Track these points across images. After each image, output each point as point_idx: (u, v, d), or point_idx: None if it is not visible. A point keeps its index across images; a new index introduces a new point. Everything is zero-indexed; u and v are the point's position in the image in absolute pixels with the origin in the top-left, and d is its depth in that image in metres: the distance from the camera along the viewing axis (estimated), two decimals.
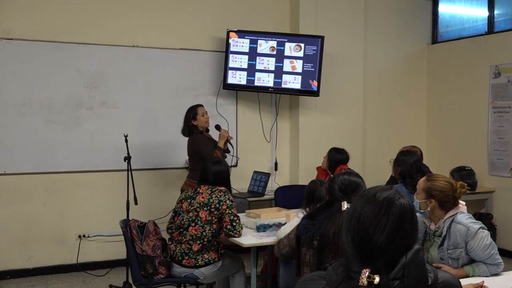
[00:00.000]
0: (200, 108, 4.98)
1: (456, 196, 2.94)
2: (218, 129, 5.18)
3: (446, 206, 2.94)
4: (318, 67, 5.86)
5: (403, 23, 6.87)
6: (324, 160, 5.21)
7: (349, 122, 6.44)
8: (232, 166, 5.88)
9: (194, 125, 4.91)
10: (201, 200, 3.80)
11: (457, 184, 2.95)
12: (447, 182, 2.95)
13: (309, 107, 6.26)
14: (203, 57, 5.96)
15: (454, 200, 2.95)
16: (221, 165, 3.97)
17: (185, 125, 4.96)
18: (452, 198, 2.93)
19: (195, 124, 4.91)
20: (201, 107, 5.00)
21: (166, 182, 5.84)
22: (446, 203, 2.93)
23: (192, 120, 4.91)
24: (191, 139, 4.93)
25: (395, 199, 1.49)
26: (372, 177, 6.10)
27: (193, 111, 4.94)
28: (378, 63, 6.75)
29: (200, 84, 5.95)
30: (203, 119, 4.95)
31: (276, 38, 5.84)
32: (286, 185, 6.00)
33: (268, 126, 6.30)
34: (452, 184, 2.95)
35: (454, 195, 2.93)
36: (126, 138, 4.85)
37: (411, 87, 6.96)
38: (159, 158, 5.79)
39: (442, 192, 2.93)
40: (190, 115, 4.92)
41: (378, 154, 6.65)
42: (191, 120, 4.91)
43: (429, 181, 2.99)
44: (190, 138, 4.95)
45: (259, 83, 5.86)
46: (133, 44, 5.66)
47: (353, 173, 2.84)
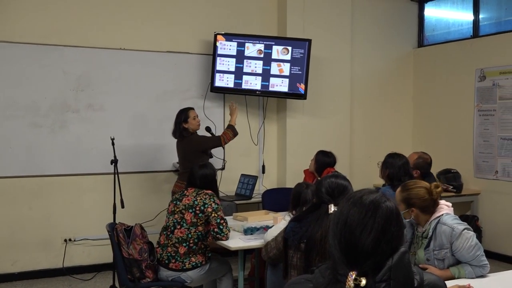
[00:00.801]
0: (191, 111, 4.98)
1: (434, 198, 2.96)
2: (210, 131, 5.19)
3: (428, 210, 2.98)
4: (306, 70, 5.88)
5: (390, 27, 6.92)
6: (311, 163, 5.22)
7: (336, 125, 6.47)
8: (220, 169, 5.88)
9: (185, 128, 4.91)
10: (186, 202, 3.81)
11: (432, 186, 2.97)
12: (421, 188, 2.98)
13: (296, 110, 6.27)
14: (191, 60, 5.95)
15: (434, 202, 2.98)
16: (208, 168, 3.98)
17: (176, 127, 4.96)
18: (431, 201, 2.96)
19: (186, 127, 4.91)
20: (193, 110, 5.02)
21: (153, 185, 5.81)
22: (426, 207, 2.97)
23: (183, 123, 4.91)
24: (187, 142, 4.92)
25: (381, 201, 1.50)
26: (359, 180, 6.13)
27: (185, 113, 4.94)
28: (365, 66, 6.78)
29: (188, 87, 5.94)
30: (195, 122, 4.97)
31: (263, 41, 5.84)
32: (273, 188, 6.00)
33: (256, 129, 6.31)
34: (426, 187, 2.98)
35: (431, 197, 2.96)
36: (113, 141, 4.82)
37: (397, 90, 7.01)
38: (146, 161, 5.77)
39: (420, 198, 2.95)
40: (182, 118, 4.92)
41: (365, 156, 6.68)
42: (182, 123, 4.91)
43: (404, 191, 3.01)
44: (184, 141, 4.94)
45: (247, 86, 5.86)
46: (120, 47, 5.64)
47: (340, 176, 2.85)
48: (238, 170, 6.04)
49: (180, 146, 4.99)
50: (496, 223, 6.05)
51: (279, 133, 6.41)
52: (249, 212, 4.82)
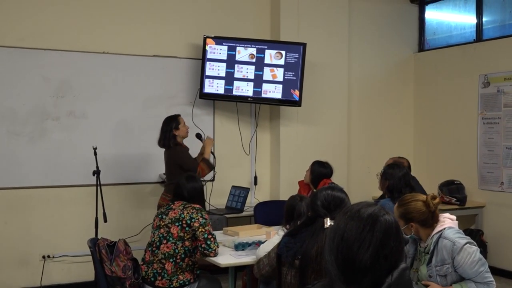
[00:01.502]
0: (180, 117, 5.03)
1: (431, 209, 2.99)
2: (200, 138, 5.19)
3: (427, 223, 3.00)
4: (300, 75, 5.90)
5: (389, 30, 6.97)
6: (306, 174, 5.23)
7: (333, 134, 6.49)
8: (209, 180, 5.87)
9: (175, 136, 4.91)
10: (173, 215, 3.81)
11: (428, 198, 3.00)
12: (418, 201, 3.02)
13: (290, 117, 6.28)
14: (178, 65, 5.96)
15: (432, 214, 3.00)
16: (196, 181, 4.00)
17: (165, 136, 4.95)
18: (429, 213, 2.99)
19: (176, 134, 4.92)
20: (181, 116, 5.05)
21: (138, 198, 5.80)
22: (426, 220, 2.99)
23: (174, 130, 4.92)
24: (172, 151, 4.94)
25: (380, 215, 1.51)
26: (357, 192, 6.14)
27: (175, 120, 4.97)
28: (363, 71, 6.82)
29: (175, 93, 5.94)
30: (185, 129, 5.01)
31: (255, 45, 5.87)
32: (266, 201, 6.00)
33: (247, 138, 6.31)
34: (423, 200, 3.02)
35: (429, 210, 2.99)
36: (95, 151, 4.81)
37: (397, 96, 7.04)
38: (131, 172, 5.75)
39: (418, 212, 2.99)
40: (172, 125, 4.94)
41: (364, 167, 6.69)
42: (173, 130, 4.92)
43: (401, 206, 3.05)
44: (170, 150, 4.95)
45: (238, 92, 5.87)
46: (103, 51, 5.64)
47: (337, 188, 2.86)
48: (228, 181, 6.03)
49: (166, 155, 5.00)
50: (502, 237, 6.07)
51: (272, 142, 6.42)
52: (240, 227, 4.82)
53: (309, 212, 2.90)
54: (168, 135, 4.93)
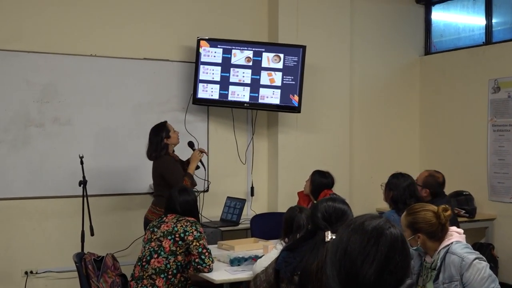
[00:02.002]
0: (169, 124, 5.00)
1: (442, 222, 2.99)
2: (192, 147, 5.18)
3: (436, 236, 3.00)
4: (300, 80, 5.92)
5: (393, 32, 6.99)
6: (306, 184, 5.23)
7: (334, 142, 6.49)
8: (203, 191, 5.87)
9: (166, 145, 4.89)
10: (165, 229, 3.82)
11: (439, 209, 3.00)
12: (428, 211, 3.02)
13: (289, 124, 6.29)
14: (170, 68, 5.96)
15: (442, 227, 3.00)
16: (189, 194, 4.01)
17: (156, 147, 4.88)
18: (439, 226, 2.99)
19: (168, 143, 4.90)
20: (168, 123, 5.02)
21: (128, 209, 5.78)
22: (434, 233, 2.99)
23: (165, 139, 4.89)
24: (159, 161, 4.91)
25: (385, 228, 1.51)
26: (360, 203, 6.15)
27: (165, 128, 4.92)
28: (366, 76, 6.83)
29: (167, 99, 5.95)
30: (176, 136, 4.99)
31: (252, 48, 5.88)
32: (263, 213, 6.00)
33: (244, 146, 6.31)
34: (434, 211, 3.02)
35: (439, 221, 2.99)
36: (82, 160, 4.81)
37: (402, 102, 7.05)
38: (119, 183, 5.74)
39: (427, 223, 2.99)
40: (163, 134, 4.88)
41: (367, 177, 6.69)
42: (165, 139, 4.89)
43: (409, 215, 3.05)
44: (157, 160, 4.93)
45: (233, 98, 5.88)
46: (91, 53, 5.64)
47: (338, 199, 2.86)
48: (223, 192, 6.03)
49: (153, 165, 4.98)
50: None
51: (270, 151, 6.42)
52: (236, 240, 4.81)
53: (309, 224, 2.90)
54: (160, 146, 4.87)
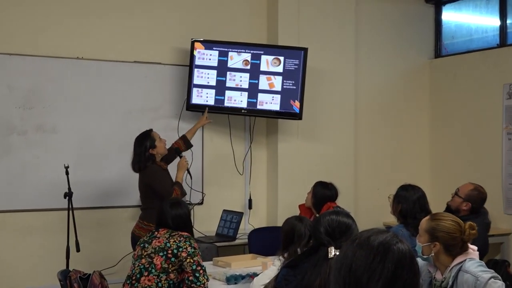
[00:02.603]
0: (153, 132, 5.00)
1: (464, 238, 3.00)
2: (178, 154, 5.19)
3: (453, 251, 3.00)
4: (301, 84, 5.93)
5: (401, 34, 7.00)
6: (308, 196, 5.23)
7: (338, 151, 6.49)
8: (197, 204, 5.86)
9: (152, 155, 4.90)
10: (157, 244, 3.81)
11: (466, 225, 3.01)
12: (453, 222, 3.03)
13: (290, 132, 6.30)
14: (162, 72, 5.97)
15: (462, 243, 3.01)
16: (181, 207, 4.01)
17: (139, 158, 4.89)
18: (459, 241, 3.00)
19: (153, 153, 4.90)
20: (153, 131, 5.02)
21: (116, 223, 5.77)
22: (452, 246, 3.00)
23: (150, 149, 4.90)
24: (146, 172, 4.92)
25: (392, 243, 1.51)
26: (366, 217, 6.13)
27: (150, 138, 4.92)
28: (372, 80, 6.84)
29: (159, 105, 5.96)
30: (162, 144, 4.97)
31: (250, 50, 5.89)
32: (262, 227, 6.00)
33: (241, 156, 6.31)
34: (459, 224, 3.03)
35: (462, 237, 3.00)
36: (67, 170, 4.81)
37: (410, 109, 7.06)
38: (107, 195, 5.74)
39: (448, 233, 3.00)
40: (147, 144, 4.89)
41: (373, 189, 6.69)
42: (150, 149, 4.89)
43: (433, 220, 3.07)
44: (144, 171, 4.93)
45: (230, 104, 5.89)
46: (77, 56, 5.65)
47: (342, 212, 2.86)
48: (219, 205, 6.02)
49: (139, 176, 4.99)
50: None
51: (269, 160, 6.42)
52: (232, 257, 4.80)
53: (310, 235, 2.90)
54: (143, 157, 4.88)
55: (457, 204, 4.68)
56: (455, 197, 4.72)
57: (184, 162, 5.09)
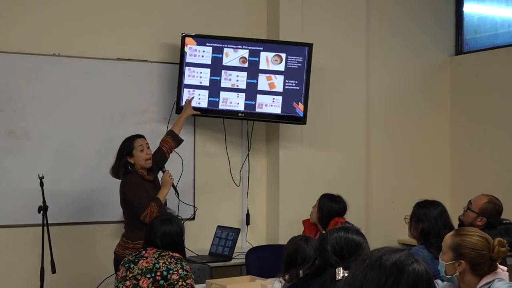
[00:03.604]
0: (138, 140, 4.98)
1: (493, 257, 3.00)
2: (161, 168, 5.17)
3: (480, 270, 3.01)
4: (305, 85, 5.93)
5: (418, 28, 7.01)
6: (313, 211, 5.23)
7: (347, 160, 6.49)
8: (188, 219, 5.85)
9: (129, 163, 4.90)
10: (144, 265, 3.81)
11: (495, 241, 3.02)
12: (481, 238, 3.04)
13: (292, 138, 6.30)
14: (149, 71, 5.98)
15: (491, 262, 3.01)
16: (172, 224, 4.00)
17: (117, 162, 4.94)
18: (488, 259, 3.01)
19: (131, 162, 4.91)
20: (140, 138, 5.01)
21: (97, 241, 5.77)
22: (480, 265, 3.00)
23: (127, 156, 4.91)
24: (121, 183, 4.93)
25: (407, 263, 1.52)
26: (378, 234, 6.13)
27: (128, 144, 4.93)
28: (385, 80, 6.84)
29: (145, 107, 5.96)
30: (142, 156, 4.92)
31: (248, 46, 5.89)
32: (261, 245, 6.00)
33: (238, 165, 6.31)
34: (488, 240, 3.04)
35: (490, 255, 3.00)
36: (42, 181, 4.79)
37: (429, 112, 7.06)
38: (87, 209, 5.73)
39: (475, 250, 3.01)
40: (124, 150, 4.92)
41: (386, 202, 6.68)
42: (126, 156, 4.91)
43: (458, 236, 3.07)
44: (122, 180, 4.95)
45: (225, 106, 5.89)
46: (53, 53, 5.65)
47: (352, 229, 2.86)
48: (213, 220, 6.01)
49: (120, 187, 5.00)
50: None
51: (270, 170, 6.42)
52: (228, 279, 4.79)
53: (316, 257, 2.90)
54: (120, 162, 4.91)
55: (470, 219, 4.66)
56: (468, 212, 4.71)
57: (167, 178, 5.02)
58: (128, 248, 4.77)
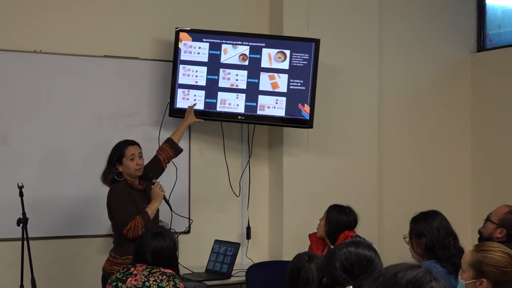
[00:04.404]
0: (131, 147, 4.98)
1: None
2: (150, 180, 5.13)
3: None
4: (311, 85, 5.93)
5: (436, 22, 7.01)
6: (320, 223, 5.22)
7: (358, 167, 6.49)
8: (182, 232, 5.85)
9: (118, 172, 4.90)
10: (133, 283, 3.82)
11: None
12: (504, 254, 3.05)
13: (298, 144, 6.30)
14: (140, 69, 5.98)
15: None
16: (165, 238, 4.00)
17: (109, 169, 4.95)
18: None
19: (120, 170, 4.90)
20: (133, 146, 5.01)
21: (82, 257, 5.77)
22: (503, 284, 3.01)
23: (116, 163, 4.92)
24: (109, 191, 4.95)
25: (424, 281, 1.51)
26: (392, 249, 6.11)
27: (119, 150, 4.94)
28: (399, 79, 6.85)
29: (135, 110, 5.96)
30: (132, 166, 4.93)
31: (249, 42, 5.90)
32: (263, 262, 6.01)
33: (237, 172, 6.31)
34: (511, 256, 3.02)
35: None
36: (21, 190, 4.80)
37: (447, 114, 7.06)
38: (71, 221, 5.73)
39: (498, 268, 3.01)
40: (114, 156, 4.93)
41: (401, 214, 6.63)
42: (116, 163, 4.92)
43: (478, 252, 3.08)
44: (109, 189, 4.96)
45: (224, 108, 5.89)
46: (34, 49, 5.66)
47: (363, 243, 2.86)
48: (210, 234, 6.01)
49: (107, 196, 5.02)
50: None
51: (272, 179, 6.42)
52: None
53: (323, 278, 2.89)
54: (109, 169, 4.94)
55: (489, 231, 4.70)
56: (488, 223, 4.74)
57: (157, 190, 4.99)
58: (116, 264, 4.78)
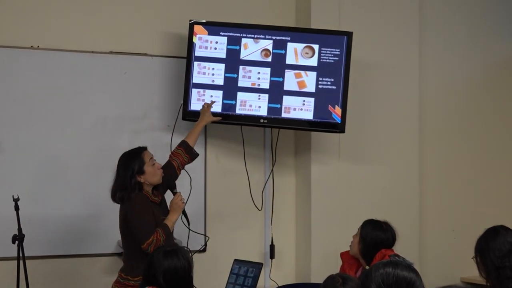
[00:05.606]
0: (146, 152, 4.97)
1: None
2: (172, 189, 5.14)
3: None
4: (343, 84, 5.91)
5: (484, 15, 6.99)
6: (354, 241, 5.19)
7: (396, 177, 6.48)
8: (198, 251, 5.84)
9: (139, 184, 4.87)
10: None
11: None
12: None
13: (327, 150, 6.28)
14: (149, 67, 6.00)
15: None
16: (178, 257, 3.98)
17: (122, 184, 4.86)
18: None
19: (141, 181, 4.87)
20: (147, 151, 5.00)
21: (85, 279, 5.79)
22: None
23: (137, 175, 4.87)
24: (126, 205, 4.89)
25: None
26: (436, 269, 6.08)
27: (138, 160, 4.89)
28: (444, 79, 6.83)
29: (144, 112, 5.97)
30: (154, 170, 4.93)
31: (272, 35, 5.89)
32: (289, 284, 6.00)
33: (260, 183, 6.31)
34: None
35: None
36: (17, 204, 4.81)
37: (497, 119, 7.04)
38: (73, 238, 5.75)
39: None
40: (135, 168, 4.87)
41: (446, 230, 6.64)
42: (137, 175, 4.87)
43: None
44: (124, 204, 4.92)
45: (244, 111, 5.88)
46: (31, 45, 5.69)
47: (402, 263, 2.83)
48: (229, 253, 5.99)
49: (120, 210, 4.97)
50: None
51: (299, 190, 6.42)
52: None
53: None
54: (129, 184, 4.85)
55: None
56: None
57: (178, 201, 4.99)
58: (128, 286, 4.79)
